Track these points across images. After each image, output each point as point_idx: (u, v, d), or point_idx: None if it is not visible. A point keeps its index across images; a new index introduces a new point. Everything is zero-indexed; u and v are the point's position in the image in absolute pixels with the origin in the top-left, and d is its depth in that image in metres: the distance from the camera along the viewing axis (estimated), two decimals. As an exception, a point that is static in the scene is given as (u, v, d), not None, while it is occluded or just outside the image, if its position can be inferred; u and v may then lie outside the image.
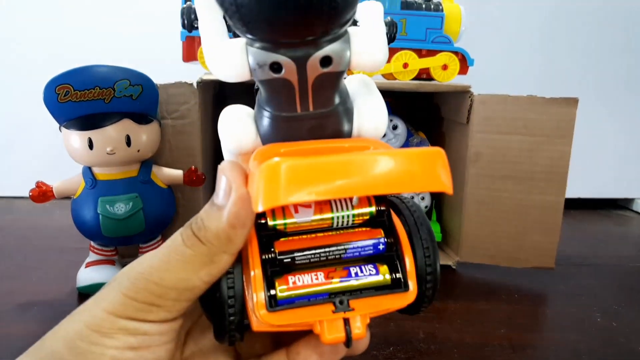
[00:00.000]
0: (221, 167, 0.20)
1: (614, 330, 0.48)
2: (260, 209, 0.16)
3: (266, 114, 0.19)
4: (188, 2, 0.22)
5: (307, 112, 0.19)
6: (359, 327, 0.19)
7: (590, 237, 0.80)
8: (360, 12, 0.20)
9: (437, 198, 0.69)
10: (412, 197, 0.66)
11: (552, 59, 0.91)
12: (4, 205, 0.87)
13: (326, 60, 0.18)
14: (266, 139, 0.20)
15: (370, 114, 0.20)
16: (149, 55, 0.78)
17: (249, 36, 0.17)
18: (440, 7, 0.60)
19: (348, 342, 0.19)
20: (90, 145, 0.47)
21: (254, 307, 0.19)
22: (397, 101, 0.72)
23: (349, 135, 0.20)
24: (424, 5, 0.59)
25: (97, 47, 0.85)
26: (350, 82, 0.22)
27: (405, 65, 0.59)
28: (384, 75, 0.62)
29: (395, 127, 0.66)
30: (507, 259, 0.60)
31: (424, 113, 0.77)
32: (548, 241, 0.58)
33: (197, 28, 0.20)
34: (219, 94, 0.67)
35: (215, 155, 0.64)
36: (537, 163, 0.57)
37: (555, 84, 0.90)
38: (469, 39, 0.62)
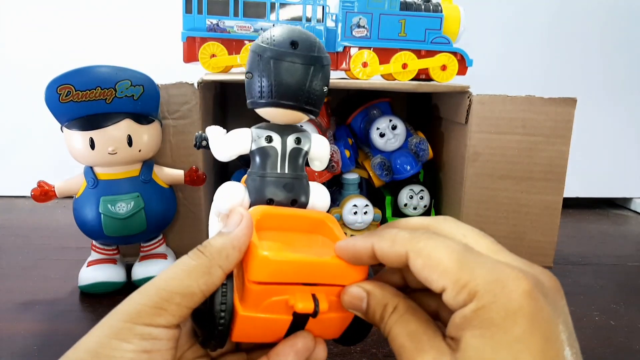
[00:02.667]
0: (236, 209, 0.26)
1: (613, 329, 0.48)
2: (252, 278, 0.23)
3: (253, 175, 0.29)
4: (199, 131, 0.32)
5: (284, 172, 0.29)
6: (324, 302, 0.24)
7: (588, 236, 0.80)
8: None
9: (436, 197, 0.70)
10: (412, 197, 0.67)
11: (550, 59, 0.91)
12: (5, 204, 0.87)
13: (298, 140, 0.29)
14: (252, 192, 0.29)
15: (320, 198, 0.30)
16: (150, 56, 0.78)
17: (261, 101, 0.28)
18: (440, 8, 0.60)
19: (315, 313, 0.24)
20: (92, 145, 0.47)
21: (255, 261, 0.24)
22: (396, 101, 0.73)
23: (306, 201, 0.29)
24: (423, 6, 0.59)
25: (99, 47, 0.85)
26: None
27: (405, 66, 0.60)
28: (383, 76, 0.63)
29: (394, 127, 0.66)
30: (506, 258, 0.60)
31: (423, 113, 0.77)
32: (546, 240, 0.59)
33: (204, 147, 0.30)
34: (220, 95, 0.67)
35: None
36: (536, 163, 0.58)
37: (554, 84, 0.90)
38: (467, 39, 0.63)
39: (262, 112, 0.29)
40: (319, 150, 0.30)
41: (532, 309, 0.19)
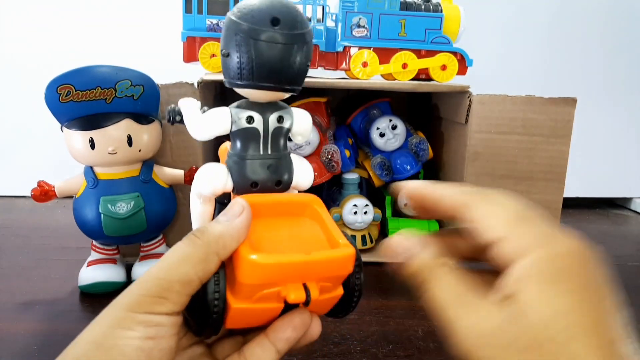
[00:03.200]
0: (237, 200, 0.26)
1: (612, 328, 0.48)
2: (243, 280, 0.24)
3: (235, 157, 0.28)
4: (172, 105, 0.30)
5: (267, 153, 0.28)
6: (314, 290, 0.25)
7: (588, 236, 0.79)
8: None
9: (437, 197, 0.70)
10: (412, 197, 0.67)
11: (551, 59, 0.91)
12: (5, 204, 0.87)
13: (280, 119, 0.28)
14: (237, 177, 0.28)
15: (303, 175, 0.30)
16: (150, 56, 0.78)
17: (240, 83, 0.26)
18: (440, 8, 0.60)
19: (307, 300, 0.24)
20: (92, 145, 0.47)
21: (244, 261, 0.24)
22: (396, 101, 0.73)
23: (290, 180, 0.29)
24: (423, 6, 0.59)
25: (99, 47, 0.85)
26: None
27: (405, 66, 0.60)
28: (383, 76, 0.63)
29: (394, 127, 0.66)
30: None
31: (423, 113, 0.77)
32: (546, 240, 0.59)
33: (179, 122, 0.29)
34: (220, 94, 0.67)
35: (215, 155, 0.65)
36: (536, 163, 0.58)
37: (554, 84, 0.90)
38: (467, 39, 0.63)
39: (241, 92, 0.27)
40: (301, 125, 0.30)
41: (589, 265, 0.20)
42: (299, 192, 0.31)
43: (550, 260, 0.20)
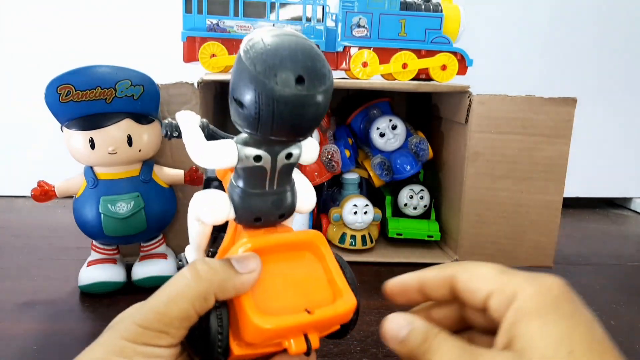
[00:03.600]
0: (253, 256, 0.26)
1: (613, 329, 0.48)
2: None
3: (239, 190, 0.27)
4: (168, 119, 0.28)
5: (272, 189, 0.27)
6: (315, 340, 0.26)
7: (588, 236, 0.80)
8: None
9: (436, 197, 0.70)
10: (412, 197, 0.67)
11: (551, 59, 0.91)
12: (5, 204, 0.87)
13: (289, 155, 0.26)
14: (239, 209, 0.27)
15: (306, 201, 0.29)
16: (150, 56, 0.78)
17: (254, 135, 0.24)
18: (440, 8, 0.60)
19: (308, 351, 0.25)
20: (92, 145, 0.47)
21: (246, 320, 0.24)
22: (396, 101, 0.73)
23: (293, 209, 0.28)
24: (423, 6, 0.59)
25: (99, 47, 0.85)
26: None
27: (405, 66, 0.60)
28: (383, 76, 0.63)
29: (394, 127, 0.66)
30: (506, 258, 0.60)
31: (423, 113, 0.77)
32: (546, 240, 0.59)
33: (176, 137, 0.28)
34: (220, 94, 0.67)
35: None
36: (536, 162, 0.58)
37: (554, 84, 0.90)
38: (467, 39, 0.63)
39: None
40: (309, 154, 0.29)
41: (571, 297, 0.22)
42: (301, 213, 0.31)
43: (539, 296, 0.21)
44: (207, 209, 0.27)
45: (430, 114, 0.74)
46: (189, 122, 0.28)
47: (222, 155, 0.25)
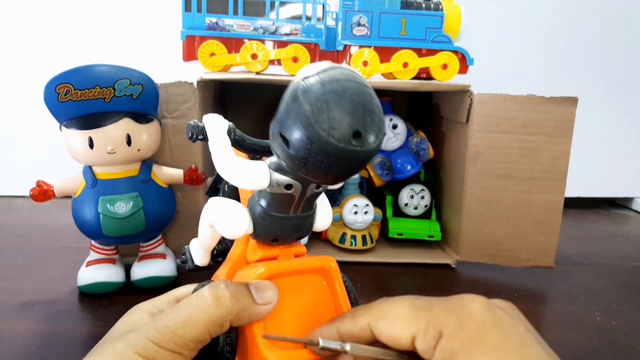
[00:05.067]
0: (272, 289, 0.26)
1: (614, 329, 0.48)
2: None
3: (260, 210, 0.26)
4: (194, 120, 0.27)
5: (296, 214, 0.26)
6: None
7: (589, 236, 0.80)
8: None
9: (437, 197, 0.70)
10: (412, 197, 0.66)
11: (552, 58, 0.91)
12: (4, 204, 0.87)
13: (319, 186, 0.25)
14: (259, 228, 0.27)
15: (322, 218, 0.29)
16: (150, 55, 0.78)
17: (309, 179, 0.23)
18: (440, 7, 0.60)
19: None
20: (91, 145, 0.47)
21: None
22: (397, 100, 0.72)
23: (311, 227, 0.28)
24: (423, 5, 0.59)
25: (98, 46, 0.85)
26: None
27: (405, 65, 0.59)
28: (383, 75, 0.62)
29: (395, 127, 0.66)
30: (507, 258, 0.60)
31: (423, 112, 0.77)
32: (548, 240, 0.59)
33: (200, 140, 0.27)
34: (220, 94, 0.67)
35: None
36: (537, 162, 0.57)
37: (555, 83, 0.90)
38: (468, 38, 0.62)
39: None
40: (336, 186, 0.28)
41: (496, 319, 0.21)
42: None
43: (462, 330, 0.21)
44: (226, 224, 0.26)
45: (431, 113, 0.73)
46: (217, 128, 0.27)
47: (253, 178, 0.24)
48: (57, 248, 0.65)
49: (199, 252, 0.32)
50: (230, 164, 0.25)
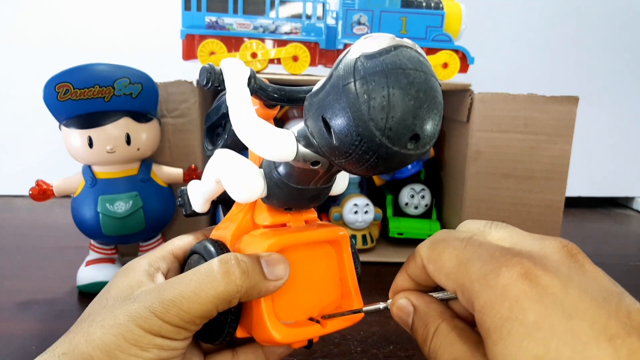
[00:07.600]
0: (283, 262, 0.25)
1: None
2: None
3: (278, 179, 0.24)
4: (210, 64, 0.24)
5: (316, 187, 0.24)
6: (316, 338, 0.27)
7: (590, 235, 0.80)
8: None
9: (437, 197, 0.69)
10: (413, 196, 0.66)
11: (553, 57, 0.91)
12: (3, 203, 0.87)
13: None
14: (273, 196, 0.25)
15: (338, 183, 0.27)
16: (149, 54, 0.78)
17: (331, 160, 0.20)
18: (441, 6, 0.59)
19: (309, 345, 0.26)
20: (90, 144, 0.47)
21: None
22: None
23: (327, 195, 0.26)
24: (424, 4, 0.59)
25: (97, 45, 0.85)
26: None
27: (406, 64, 0.59)
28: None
29: (395, 126, 0.66)
30: (508, 257, 0.60)
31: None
32: (548, 240, 0.58)
33: (216, 87, 0.24)
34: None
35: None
36: (538, 161, 0.57)
37: (556, 82, 0.90)
38: (469, 37, 0.62)
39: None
40: None
41: (536, 291, 0.17)
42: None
43: (494, 308, 0.18)
44: (238, 188, 0.24)
45: (431, 112, 0.73)
46: (237, 76, 0.23)
47: (278, 151, 0.21)
48: (57, 247, 0.65)
49: (199, 199, 0.30)
50: (253, 128, 0.21)
